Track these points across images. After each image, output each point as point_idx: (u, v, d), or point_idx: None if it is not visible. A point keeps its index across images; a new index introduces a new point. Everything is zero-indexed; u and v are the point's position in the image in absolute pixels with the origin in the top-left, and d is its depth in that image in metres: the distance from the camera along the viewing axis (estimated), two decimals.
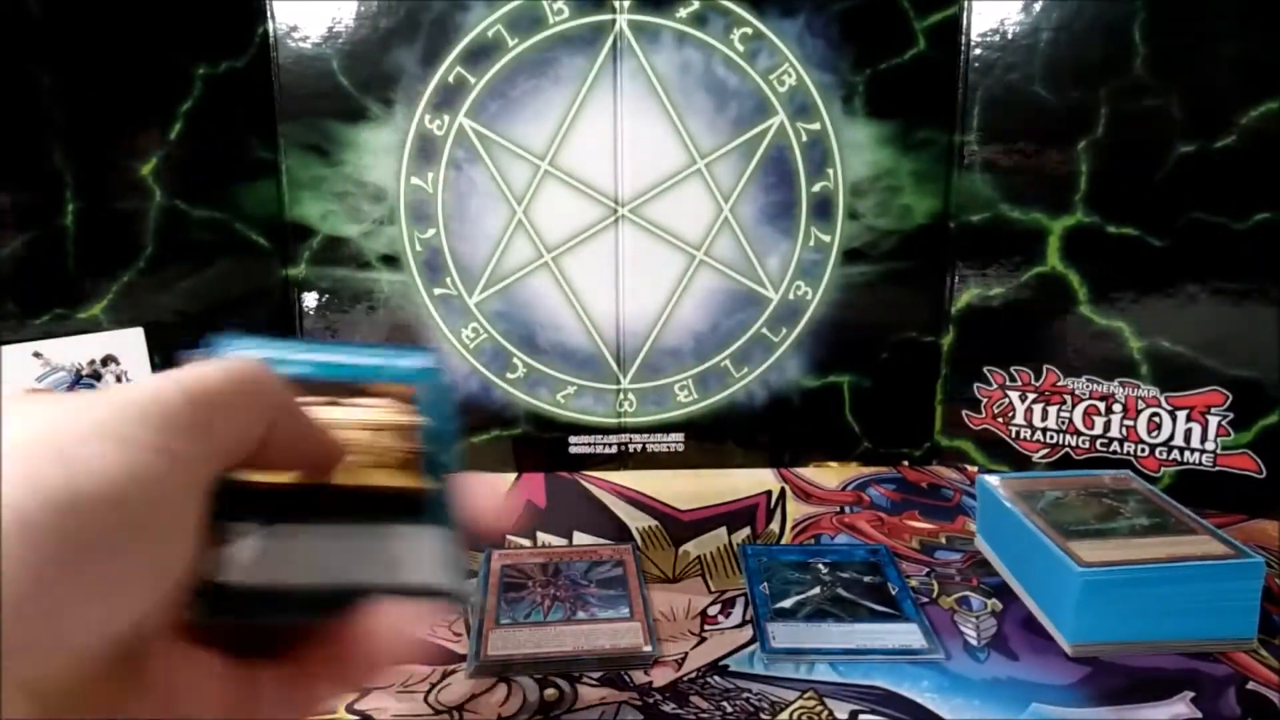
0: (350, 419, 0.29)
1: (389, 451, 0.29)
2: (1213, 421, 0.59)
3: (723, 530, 0.59)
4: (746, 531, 0.59)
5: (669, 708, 0.42)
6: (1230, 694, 0.43)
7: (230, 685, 0.23)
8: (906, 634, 0.47)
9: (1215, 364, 0.59)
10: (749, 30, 0.61)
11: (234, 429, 0.23)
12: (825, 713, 0.42)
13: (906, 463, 0.68)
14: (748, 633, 0.48)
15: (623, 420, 0.67)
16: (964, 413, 0.67)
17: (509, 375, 0.66)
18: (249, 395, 0.23)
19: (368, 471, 0.28)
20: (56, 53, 0.54)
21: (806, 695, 0.43)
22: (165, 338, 0.59)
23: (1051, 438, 0.65)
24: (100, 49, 0.56)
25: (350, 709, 0.42)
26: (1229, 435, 0.59)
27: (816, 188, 0.64)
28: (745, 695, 0.43)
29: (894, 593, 0.50)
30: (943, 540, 0.57)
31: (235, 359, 0.25)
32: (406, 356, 0.30)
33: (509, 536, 0.57)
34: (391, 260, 0.64)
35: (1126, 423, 0.62)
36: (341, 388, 0.29)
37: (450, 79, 0.61)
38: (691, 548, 0.57)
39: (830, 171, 0.63)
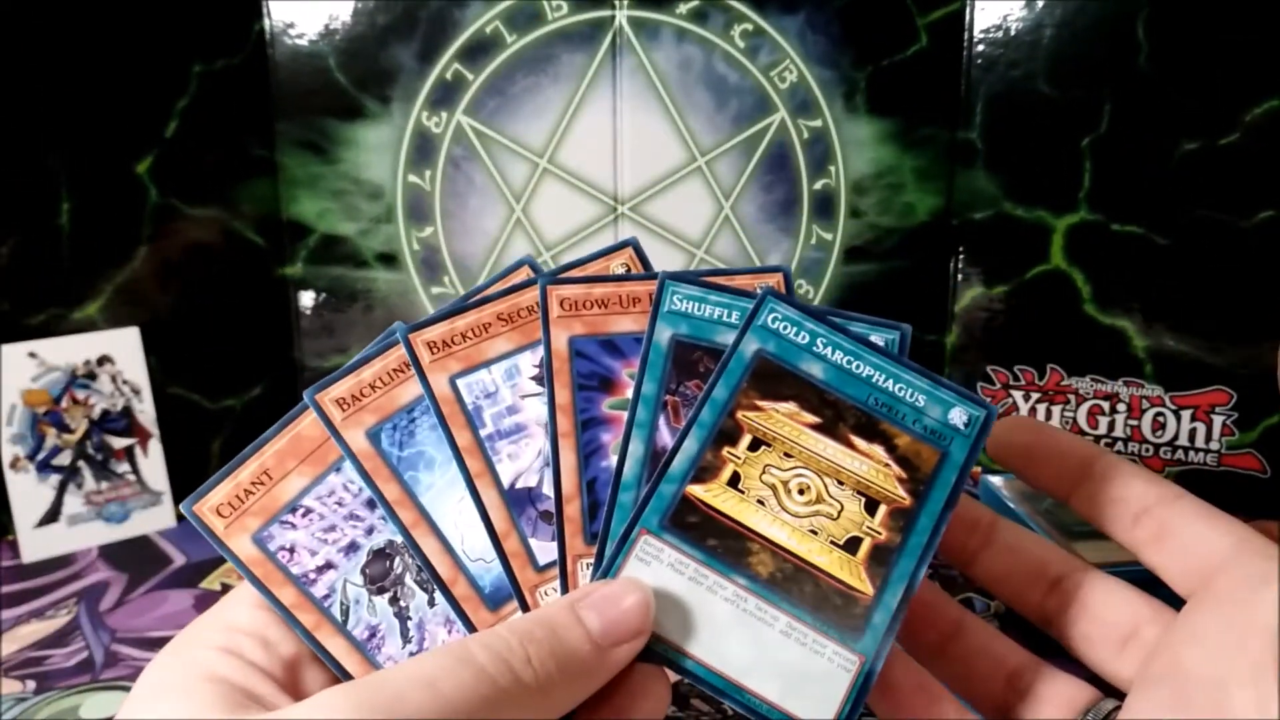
0: (832, 462, 0.24)
1: (856, 528, 0.23)
2: (1217, 421, 0.59)
3: None
4: None
5: (669, 709, 0.42)
6: None
7: None
8: None
9: (1220, 363, 0.58)
10: (749, 26, 0.61)
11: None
12: None
13: None
14: None
15: None
16: None
17: None
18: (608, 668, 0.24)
19: (817, 542, 0.23)
20: (51, 50, 0.54)
21: None
22: (161, 337, 0.59)
23: None
24: (95, 46, 0.55)
25: None
26: (1233, 435, 0.59)
27: (818, 185, 0.63)
28: None
29: None
30: None
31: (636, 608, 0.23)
32: (958, 403, 0.24)
33: None
34: (389, 259, 0.63)
35: (1131, 422, 0.61)
36: (853, 413, 0.24)
37: (448, 76, 0.61)
38: None
39: (832, 169, 0.63)
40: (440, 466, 0.28)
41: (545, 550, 0.27)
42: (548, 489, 0.27)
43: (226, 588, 0.52)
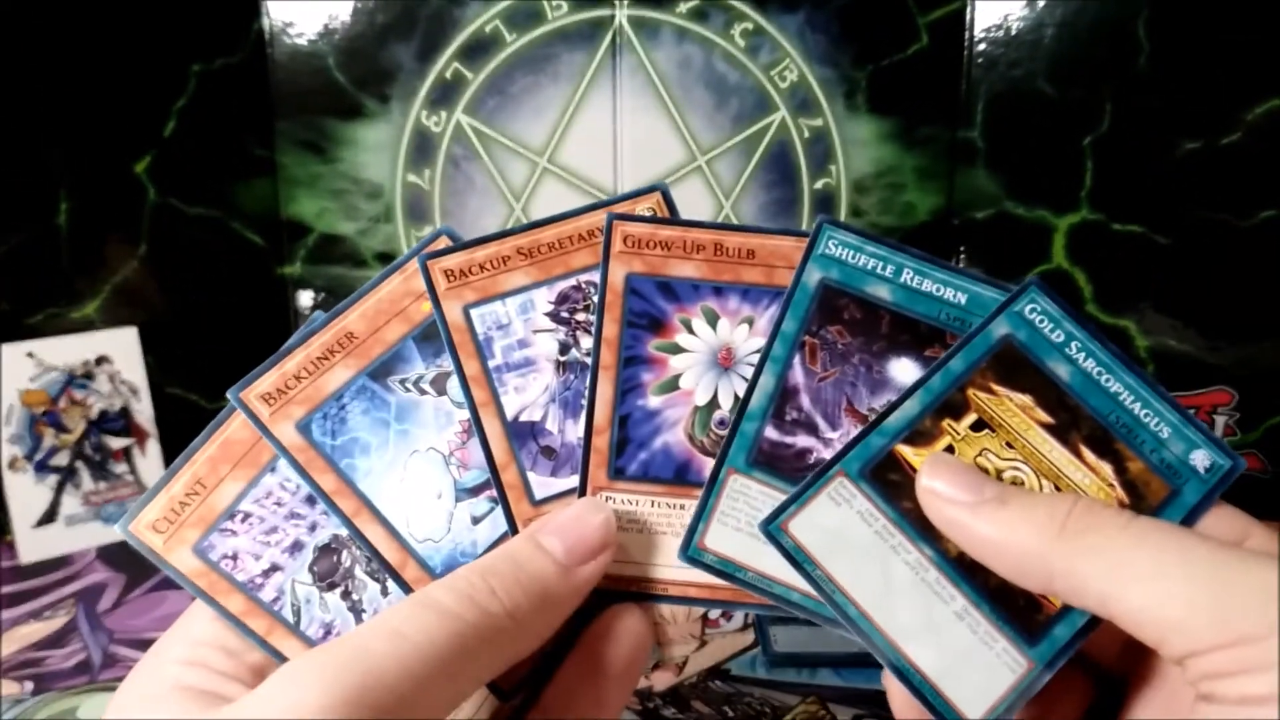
0: (1054, 466, 0.23)
1: None
2: (1220, 421, 0.59)
3: None
4: None
5: (670, 712, 0.41)
6: None
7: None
8: None
9: (1221, 363, 0.58)
10: (750, 25, 0.61)
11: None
12: (828, 717, 0.41)
13: None
14: (749, 636, 0.47)
15: None
16: None
17: None
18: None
19: None
20: (50, 49, 0.54)
21: (809, 700, 0.42)
22: (160, 337, 0.59)
23: None
24: (95, 46, 0.55)
25: None
26: (1236, 435, 0.59)
27: (819, 184, 0.63)
28: (747, 699, 0.42)
29: None
30: None
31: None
32: (1204, 445, 0.23)
33: None
34: (388, 258, 0.63)
35: None
36: (1090, 424, 0.23)
37: (448, 75, 0.60)
38: None
39: (832, 168, 0.63)
40: (376, 450, 0.27)
41: (542, 485, 0.27)
42: (551, 425, 0.27)
43: None
